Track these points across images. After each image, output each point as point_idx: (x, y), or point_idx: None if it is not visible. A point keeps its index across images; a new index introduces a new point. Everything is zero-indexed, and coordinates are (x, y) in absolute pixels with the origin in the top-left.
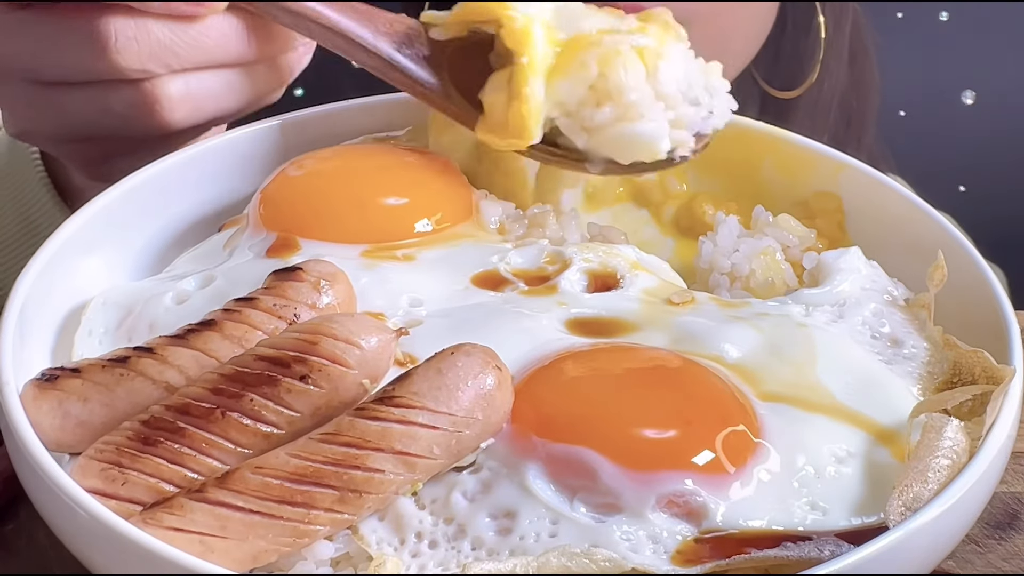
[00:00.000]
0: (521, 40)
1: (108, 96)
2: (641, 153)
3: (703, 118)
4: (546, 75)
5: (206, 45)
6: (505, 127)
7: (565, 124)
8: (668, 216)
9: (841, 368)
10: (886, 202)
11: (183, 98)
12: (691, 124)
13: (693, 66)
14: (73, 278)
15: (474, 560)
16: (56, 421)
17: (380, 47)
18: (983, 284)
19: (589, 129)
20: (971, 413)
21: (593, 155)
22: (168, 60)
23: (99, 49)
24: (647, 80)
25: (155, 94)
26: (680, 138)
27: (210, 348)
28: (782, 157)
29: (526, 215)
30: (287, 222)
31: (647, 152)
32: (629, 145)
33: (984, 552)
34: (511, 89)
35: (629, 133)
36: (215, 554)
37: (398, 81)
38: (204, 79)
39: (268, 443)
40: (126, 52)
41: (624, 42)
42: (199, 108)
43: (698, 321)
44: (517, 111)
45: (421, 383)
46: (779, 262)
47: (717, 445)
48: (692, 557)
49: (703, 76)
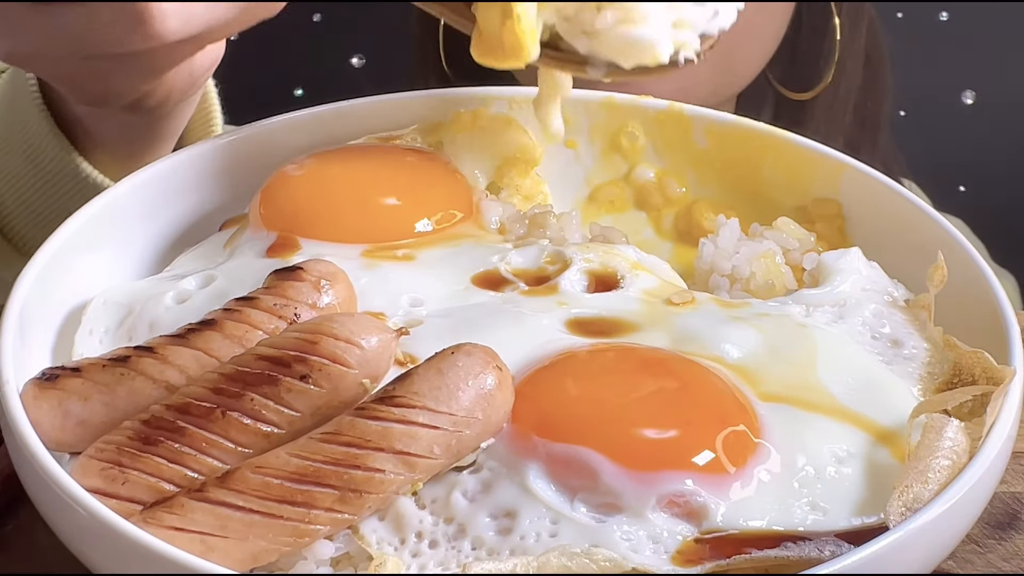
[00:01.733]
0: None
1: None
2: (643, 56)
3: (708, 18)
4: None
5: None
6: (501, 47)
7: (565, 29)
8: (667, 220)
9: (841, 368)
10: (886, 203)
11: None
12: (695, 24)
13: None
14: (73, 278)
15: (474, 560)
16: (56, 420)
17: None
18: (983, 285)
19: (590, 33)
20: (971, 414)
21: (595, 59)
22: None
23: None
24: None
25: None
26: (683, 39)
27: (211, 347)
28: (783, 158)
29: (527, 215)
30: (287, 222)
31: (649, 55)
32: (631, 49)
33: (984, 552)
34: (504, 5)
35: (630, 36)
36: (215, 553)
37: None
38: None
39: (268, 443)
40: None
41: None
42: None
43: (698, 321)
44: (511, 29)
45: (421, 383)
46: (779, 265)
47: (717, 445)
48: (692, 557)
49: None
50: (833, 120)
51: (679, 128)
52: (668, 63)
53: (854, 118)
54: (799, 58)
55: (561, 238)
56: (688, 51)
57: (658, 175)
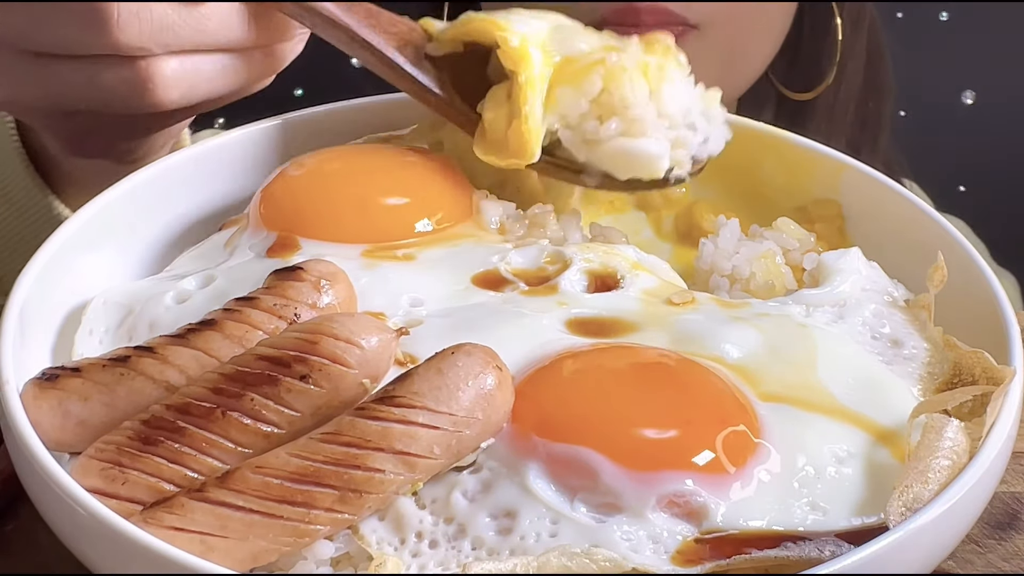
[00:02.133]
0: (518, 61)
1: (101, 71)
2: (641, 170)
3: (699, 143)
4: (548, 88)
5: (207, 28)
6: (506, 146)
7: (567, 136)
8: (667, 220)
9: (841, 368)
10: (886, 203)
11: (178, 78)
12: (689, 147)
13: (693, 92)
14: (73, 278)
15: (474, 560)
16: (56, 420)
17: (381, 45)
18: (983, 285)
19: (590, 142)
20: (971, 414)
21: (591, 168)
22: (167, 40)
23: (100, 23)
24: (650, 99)
25: (149, 72)
26: (679, 157)
27: (211, 348)
28: (783, 158)
29: (527, 215)
30: (287, 222)
31: (647, 169)
32: (629, 160)
33: (984, 552)
34: (511, 107)
35: (631, 149)
36: (215, 553)
37: (397, 81)
38: (199, 61)
39: (268, 443)
40: (127, 28)
41: (630, 59)
42: (192, 89)
43: (698, 321)
44: (518, 130)
45: (421, 383)
46: (779, 265)
47: (717, 445)
48: (692, 557)
49: (702, 103)
50: (834, 120)
51: None
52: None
53: (855, 118)
54: (801, 58)
55: (561, 238)
56: (681, 170)
57: None
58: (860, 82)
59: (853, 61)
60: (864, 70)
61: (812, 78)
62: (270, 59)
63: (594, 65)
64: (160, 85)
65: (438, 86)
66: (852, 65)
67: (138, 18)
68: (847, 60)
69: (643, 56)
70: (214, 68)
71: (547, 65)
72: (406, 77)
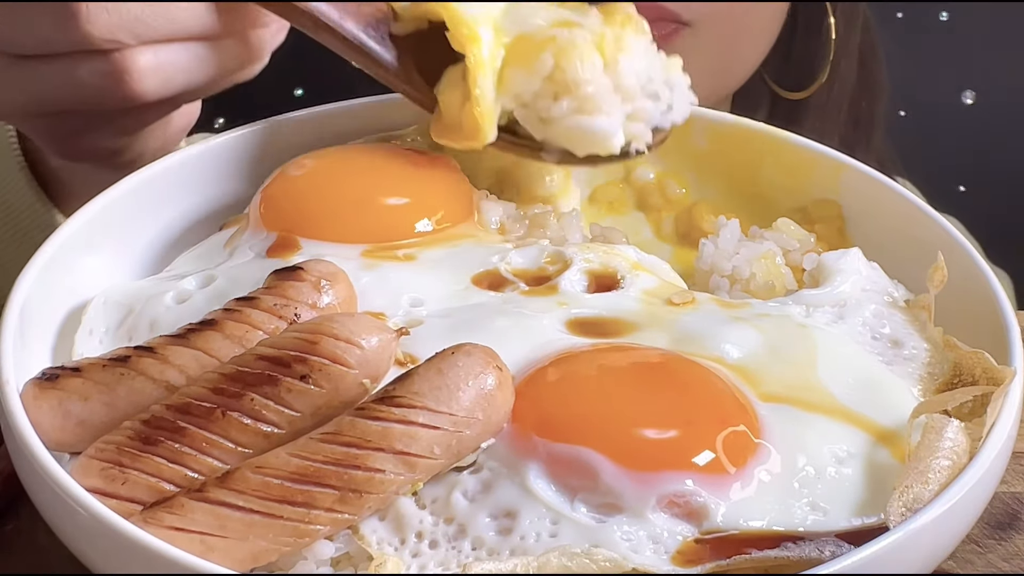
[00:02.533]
0: (466, 42)
1: (78, 67)
2: (595, 146)
3: (662, 112)
4: (501, 69)
5: (176, 16)
6: (460, 128)
7: (522, 115)
8: (667, 221)
9: (842, 369)
10: (886, 203)
11: (153, 69)
12: (649, 118)
13: (654, 60)
14: (73, 278)
15: (474, 560)
16: (56, 420)
17: (345, 26)
18: (983, 285)
19: (545, 120)
20: (971, 414)
21: (549, 145)
22: (138, 30)
23: (70, 18)
24: (605, 72)
25: (124, 64)
26: (636, 131)
27: (211, 348)
28: (782, 158)
29: (527, 215)
30: (288, 222)
31: (601, 146)
32: (584, 138)
33: (984, 552)
34: (465, 88)
35: (584, 126)
36: (215, 553)
37: (361, 62)
38: (173, 51)
39: (268, 443)
40: (96, 21)
41: (581, 35)
42: (168, 80)
43: (699, 321)
44: (470, 113)
45: (422, 383)
46: (779, 266)
47: (718, 445)
48: (692, 557)
49: (664, 71)
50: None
51: (679, 129)
52: (619, 154)
53: (849, 117)
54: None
55: (561, 238)
56: (640, 144)
57: (658, 176)
58: (853, 81)
59: (846, 60)
60: (858, 69)
61: (805, 77)
62: (246, 47)
63: (545, 42)
64: (136, 77)
65: (400, 67)
66: (845, 64)
67: (107, 11)
68: (840, 59)
69: (601, 27)
70: (188, 58)
71: (499, 45)
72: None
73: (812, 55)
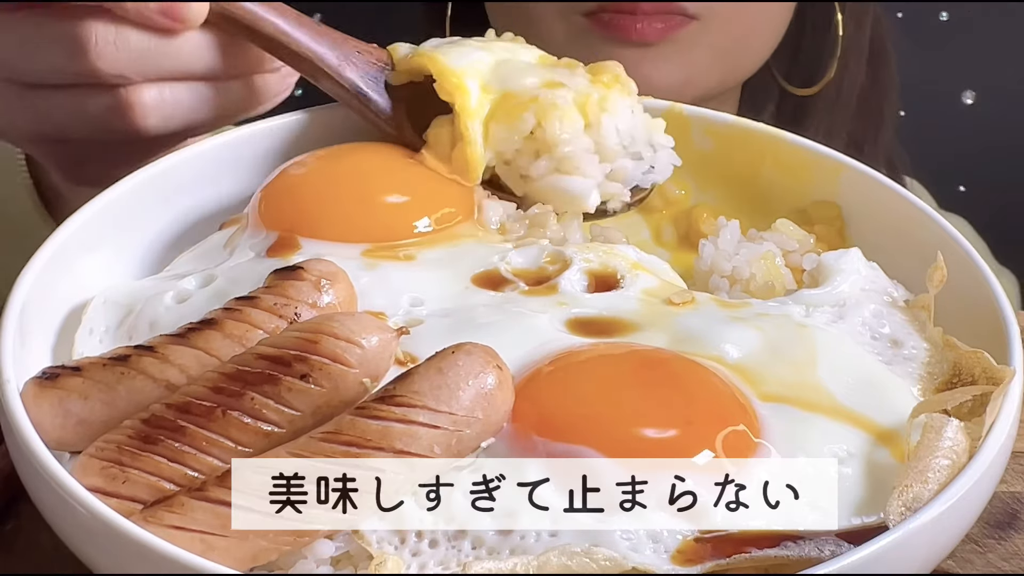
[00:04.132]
0: (453, 91)
1: (85, 99)
2: (571, 205)
3: (643, 172)
4: (485, 123)
5: (181, 56)
6: (450, 163)
7: (503, 171)
8: (666, 223)
9: (841, 368)
10: (886, 204)
11: (156, 105)
12: (629, 178)
13: (639, 120)
14: (73, 277)
15: (474, 559)
16: (57, 419)
17: (345, 75)
18: (983, 285)
19: (526, 178)
20: (971, 413)
21: (529, 201)
22: (144, 68)
23: (79, 51)
24: (587, 132)
25: (129, 100)
26: (614, 191)
27: (211, 347)
28: (782, 159)
29: (527, 215)
30: (288, 221)
31: (576, 205)
32: (560, 197)
33: (984, 552)
34: (455, 130)
35: (559, 186)
36: (216, 552)
37: (356, 109)
38: (177, 90)
39: (269, 442)
40: (105, 56)
41: (563, 96)
42: (170, 116)
43: (698, 321)
44: (462, 152)
45: (422, 382)
46: (779, 267)
47: (717, 445)
48: (692, 556)
49: (647, 131)
50: (836, 115)
51: (678, 129)
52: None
53: (857, 114)
54: (802, 53)
55: (561, 238)
56: (616, 203)
57: None
58: (862, 78)
59: (855, 57)
60: (867, 66)
61: (814, 73)
62: (250, 91)
63: (528, 103)
64: (139, 112)
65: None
66: (854, 61)
67: (115, 47)
68: (849, 56)
69: (588, 88)
70: (191, 96)
71: (485, 99)
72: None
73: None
